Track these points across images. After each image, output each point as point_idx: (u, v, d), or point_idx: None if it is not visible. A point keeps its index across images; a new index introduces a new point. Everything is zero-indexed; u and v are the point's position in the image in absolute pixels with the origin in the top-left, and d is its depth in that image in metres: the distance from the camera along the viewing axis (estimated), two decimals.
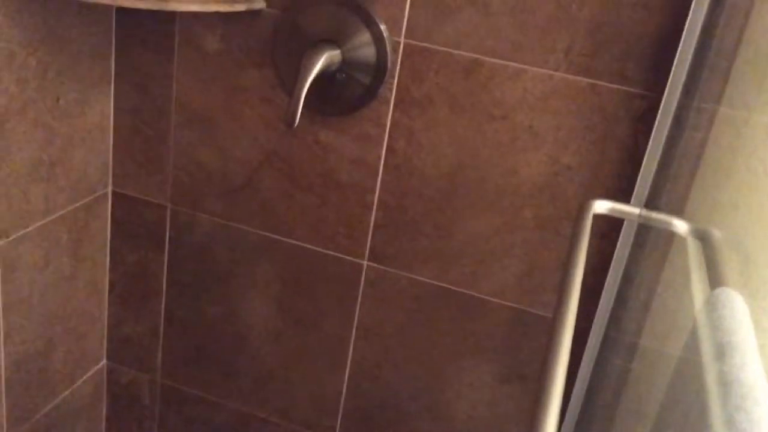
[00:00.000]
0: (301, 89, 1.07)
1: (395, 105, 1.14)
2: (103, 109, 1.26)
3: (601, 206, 0.94)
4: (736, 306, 0.68)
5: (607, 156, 1.06)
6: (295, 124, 1.09)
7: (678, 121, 0.97)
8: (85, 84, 1.20)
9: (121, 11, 1.21)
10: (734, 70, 0.91)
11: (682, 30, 0.93)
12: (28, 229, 1.17)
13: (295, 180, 1.23)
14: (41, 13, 1.08)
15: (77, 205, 1.26)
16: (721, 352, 0.60)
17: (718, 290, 0.75)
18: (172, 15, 1.19)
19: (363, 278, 1.25)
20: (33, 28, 1.07)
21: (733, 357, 0.59)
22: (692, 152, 0.97)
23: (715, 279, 0.77)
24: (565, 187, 1.10)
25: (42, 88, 1.12)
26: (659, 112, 0.97)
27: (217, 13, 1.11)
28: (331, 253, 1.26)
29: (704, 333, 0.69)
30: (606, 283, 1.06)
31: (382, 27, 1.10)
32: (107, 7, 1.19)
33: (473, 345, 1.23)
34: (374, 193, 1.20)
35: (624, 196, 1.05)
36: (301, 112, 1.09)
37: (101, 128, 1.27)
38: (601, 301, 1.06)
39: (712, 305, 0.71)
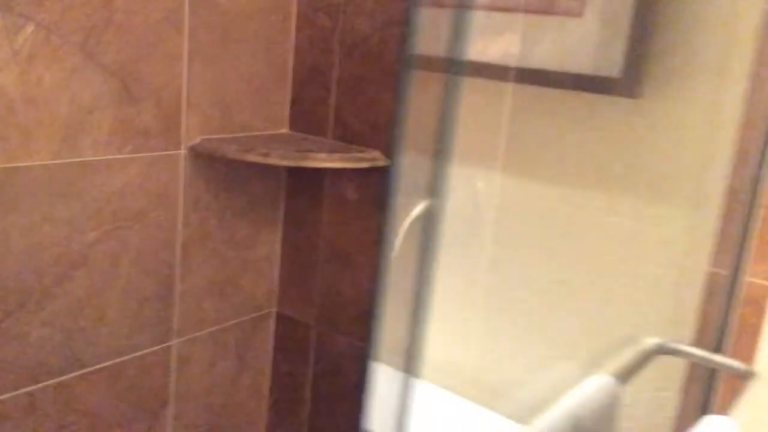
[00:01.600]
0: (400, 229, 1.29)
1: None
2: (271, 245, 1.58)
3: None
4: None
5: None
6: (394, 256, 1.30)
7: None
8: (258, 224, 1.54)
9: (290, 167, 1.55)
10: None
11: None
12: (200, 333, 1.49)
13: None
14: (225, 168, 1.44)
15: (244, 319, 1.57)
16: None
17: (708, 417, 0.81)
18: (323, 170, 1.50)
19: None
20: (217, 179, 1.43)
21: None
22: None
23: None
24: None
25: (221, 225, 1.47)
26: None
27: (347, 169, 1.39)
28: None
29: None
30: None
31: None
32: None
33: None
34: None
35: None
36: None
37: (268, 260, 1.59)
38: None
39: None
